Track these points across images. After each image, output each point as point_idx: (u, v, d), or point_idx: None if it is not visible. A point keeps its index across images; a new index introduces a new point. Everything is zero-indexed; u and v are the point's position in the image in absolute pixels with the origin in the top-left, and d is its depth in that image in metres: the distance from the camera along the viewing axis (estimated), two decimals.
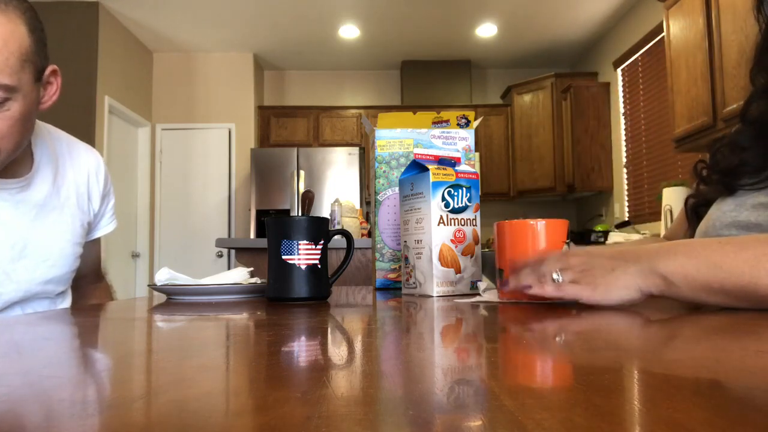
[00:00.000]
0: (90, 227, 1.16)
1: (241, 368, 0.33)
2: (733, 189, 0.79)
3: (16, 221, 0.99)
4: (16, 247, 0.99)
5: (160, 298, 0.91)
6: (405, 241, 0.87)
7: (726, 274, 0.51)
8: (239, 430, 0.19)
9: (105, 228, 1.21)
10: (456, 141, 1.05)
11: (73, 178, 1.10)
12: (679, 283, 0.53)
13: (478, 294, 0.77)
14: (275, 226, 0.78)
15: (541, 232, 0.70)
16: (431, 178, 0.81)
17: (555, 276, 0.60)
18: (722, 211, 0.78)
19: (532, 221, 0.70)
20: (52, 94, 0.96)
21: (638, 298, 0.56)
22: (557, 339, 0.41)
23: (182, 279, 0.89)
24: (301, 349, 0.38)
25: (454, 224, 0.82)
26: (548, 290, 0.60)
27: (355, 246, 1.53)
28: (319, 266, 0.78)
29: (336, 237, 0.84)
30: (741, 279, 0.51)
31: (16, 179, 0.98)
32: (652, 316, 0.53)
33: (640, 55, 4.40)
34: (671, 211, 3.19)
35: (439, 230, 0.81)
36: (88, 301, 1.24)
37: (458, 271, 0.82)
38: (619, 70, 4.80)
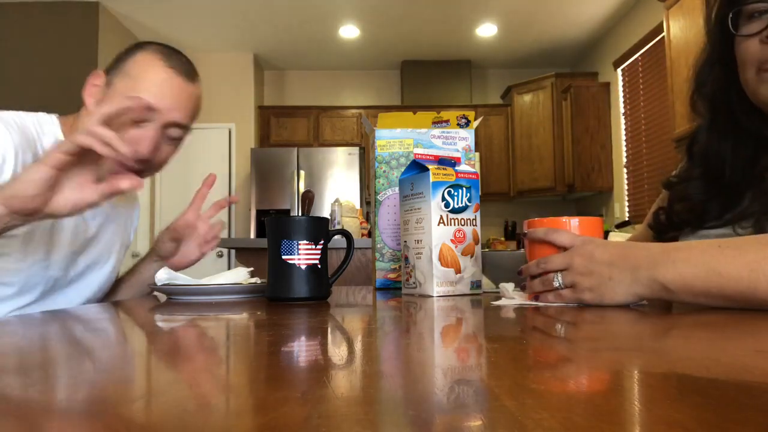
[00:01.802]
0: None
1: (241, 368, 0.33)
2: (702, 223, 0.78)
3: (86, 221, 1.06)
4: (78, 242, 1.04)
5: (160, 298, 0.91)
6: (405, 241, 0.87)
7: (725, 280, 0.52)
8: (239, 430, 0.19)
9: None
10: (456, 141, 1.05)
11: (127, 203, 1.21)
12: (678, 290, 0.54)
13: (505, 296, 0.72)
14: (275, 226, 0.78)
15: (575, 231, 0.67)
16: (431, 178, 0.81)
17: (556, 280, 0.62)
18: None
19: (565, 218, 0.68)
20: None
21: (637, 300, 0.59)
22: (557, 339, 0.41)
23: (182, 279, 0.89)
24: (301, 349, 0.38)
25: (454, 224, 0.82)
26: (549, 298, 0.63)
27: (355, 246, 1.53)
28: (319, 266, 0.78)
29: (336, 237, 0.84)
30: (739, 284, 0.51)
31: None
32: (652, 316, 0.53)
33: (640, 55, 4.40)
34: None
35: (439, 230, 0.81)
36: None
37: (458, 271, 0.82)
38: (619, 70, 4.79)
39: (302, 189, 4.87)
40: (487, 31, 5.01)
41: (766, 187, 0.70)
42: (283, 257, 0.76)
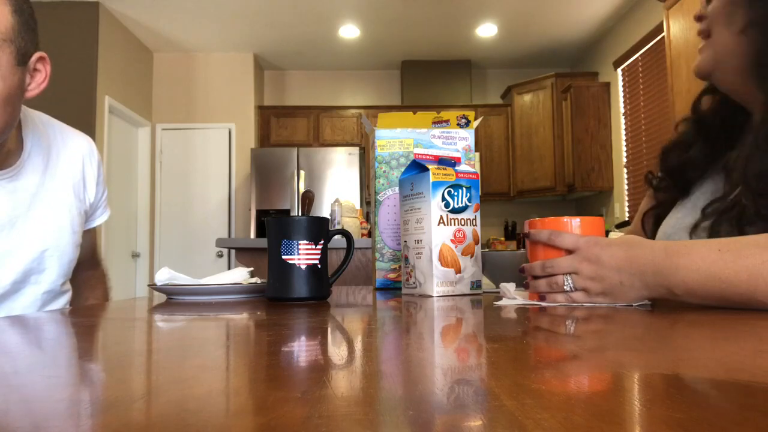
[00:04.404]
0: (87, 216, 1.16)
1: (241, 368, 0.33)
2: (684, 189, 0.83)
3: (12, 210, 0.99)
4: (13, 235, 0.98)
5: (160, 298, 0.91)
6: (405, 241, 0.87)
7: (725, 285, 0.53)
8: (239, 430, 0.19)
9: (100, 218, 1.21)
10: (456, 141, 1.05)
11: (67, 166, 1.09)
12: (683, 294, 0.56)
13: (506, 296, 0.72)
14: (275, 226, 0.78)
15: (576, 230, 0.67)
16: (431, 178, 0.81)
17: (566, 283, 0.62)
18: (665, 234, 0.82)
19: (566, 218, 0.67)
20: (40, 82, 0.95)
21: (642, 301, 0.60)
22: (557, 339, 0.41)
23: (182, 279, 0.89)
24: (301, 349, 0.38)
25: (454, 224, 0.82)
26: (559, 299, 0.63)
27: (355, 246, 1.53)
28: (319, 266, 0.78)
29: (336, 237, 0.83)
30: (739, 288, 0.53)
31: (5, 170, 0.97)
32: (652, 316, 0.53)
33: (640, 55, 4.40)
34: None
35: (439, 230, 0.81)
36: (84, 289, 1.24)
37: (458, 271, 0.82)
38: (619, 70, 4.79)
39: (302, 189, 4.87)
40: (487, 31, 5.01)
41: (731, 180, 0.72)
42: (283, 257, 0.76)
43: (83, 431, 0.20)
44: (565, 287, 0.62)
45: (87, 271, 1.25)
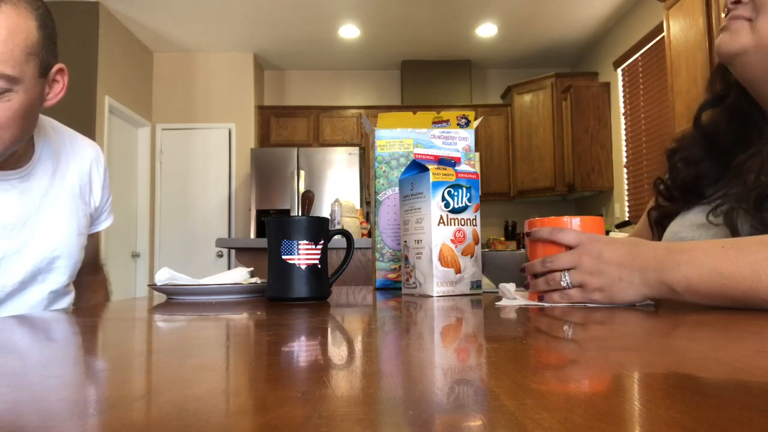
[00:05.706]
0: (92, 219, 1.18)
1: (241, 368, 0.33)
2: (695, 203, 0.81)
3: (22, 209, 1.01)
4: (23, 235, 1.01)
5: (160, 298, 0.91)
6: (405, 241, 0.87)
7: (727, 281, 0.52)
8: (239, 430, 0.19)
9: (104, 222, 1.24)
10: (456, 141, 1.05)
11: (75, 171, 1.12)
12: (684, 291, 0.55)
13: (505, 296, 0.71)
14: (275, 226, 0.78)
15: (577, 229, 0.66)
16: (431, 178, 0.81)
17: (564, 279, 0.62)
18: (673, 233, 0.82)
19: (566, 218, 0.67)
20: (58, 92, 0.98)
21: (644, 300, 0.59)
22: (557, 339, 0.41)
23: (182, 279, 0.89)
24: (301, 349, 0.38)
25: (454, 224, 0.82)
26: (555, 298, 0.63)
27: (355, 246, 1.53)
28: (319, 266, 0.78)
29: (336, 237, 0.83)
30: (741, 284, 0.52)
31: (16, 170, 1.00)
32: (652, 316, 0.53)
33: (640, 55, 4.40)
34: None
35: (439, 230, 0.81)
36: (85, 292, 1.26)
37: (458, 271, 0.82)
38: (619, 70, 4.79)
39: (302, 189, 4.87)
40: (487, 31, 5.01)
41: (744, 179, 0.71)
42: (283, 257, 0.76)
43: (83, 431, 0.20)
44: (562, 283, 0.62)
45: (89, 275, 1.26)
